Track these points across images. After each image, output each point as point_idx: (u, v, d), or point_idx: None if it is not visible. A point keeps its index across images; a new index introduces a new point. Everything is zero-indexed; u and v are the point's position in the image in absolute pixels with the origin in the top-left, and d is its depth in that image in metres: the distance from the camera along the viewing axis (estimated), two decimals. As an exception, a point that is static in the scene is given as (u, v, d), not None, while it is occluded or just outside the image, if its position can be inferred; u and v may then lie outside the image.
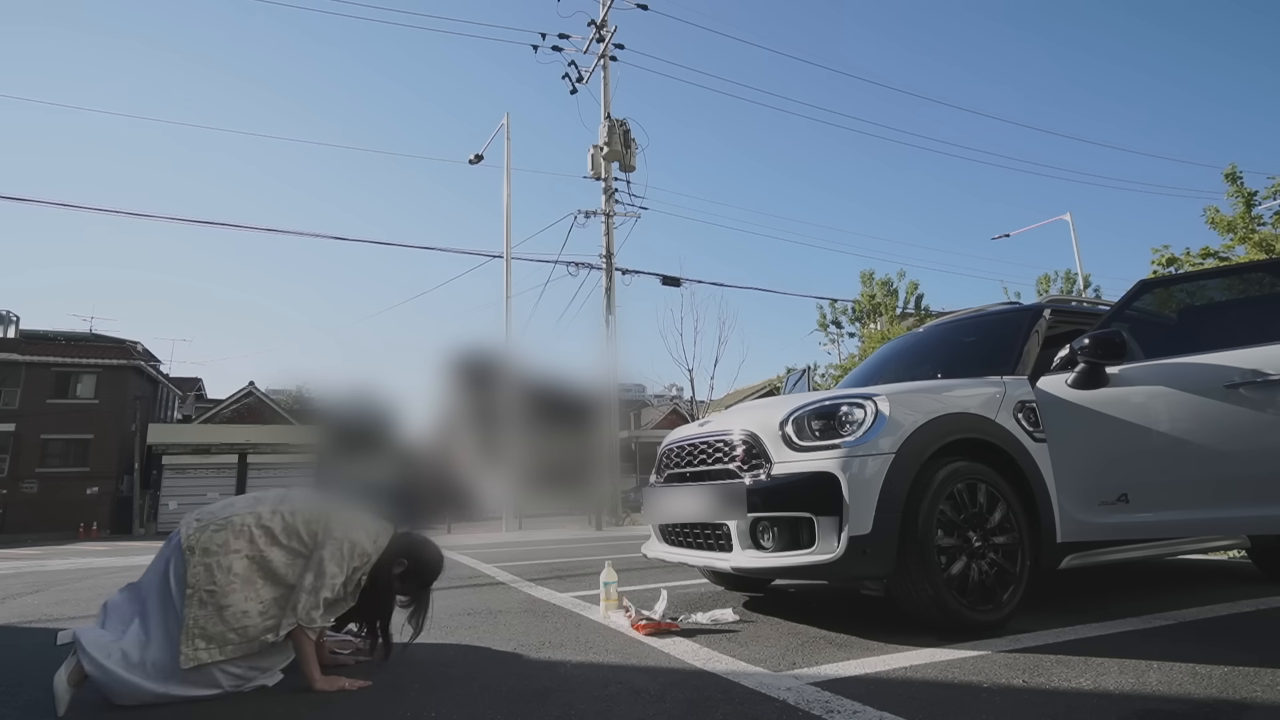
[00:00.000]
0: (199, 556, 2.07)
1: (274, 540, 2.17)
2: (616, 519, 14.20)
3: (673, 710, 1.82)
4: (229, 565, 2.08)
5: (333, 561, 2.17)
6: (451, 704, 1.93)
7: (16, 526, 24.73)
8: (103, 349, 29.10)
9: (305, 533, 2.20)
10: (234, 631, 2.05)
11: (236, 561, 2.10)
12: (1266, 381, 2.65)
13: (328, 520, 2.23)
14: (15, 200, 16.69)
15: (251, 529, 2.15)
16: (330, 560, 2.16)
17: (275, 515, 2.20)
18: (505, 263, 15.89)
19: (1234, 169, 9.74)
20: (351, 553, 2.22)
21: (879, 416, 2.64)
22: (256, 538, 2.15)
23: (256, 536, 2.15)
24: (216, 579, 2.05)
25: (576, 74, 16.59)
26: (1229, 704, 1.77)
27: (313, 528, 2.21)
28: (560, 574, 5.20)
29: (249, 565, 2.11)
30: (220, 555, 2.08)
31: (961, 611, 2.53)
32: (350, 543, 2.22)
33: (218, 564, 2.07)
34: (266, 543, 2.16)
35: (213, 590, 2.04)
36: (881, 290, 21.65)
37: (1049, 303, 3.76)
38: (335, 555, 2.18)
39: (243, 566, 2.10)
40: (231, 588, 2.06)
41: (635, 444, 30.01)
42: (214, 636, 2.03)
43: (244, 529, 2.15)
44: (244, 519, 2.17)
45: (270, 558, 2.15)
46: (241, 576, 2.09)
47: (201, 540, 2.10)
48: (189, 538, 2.11)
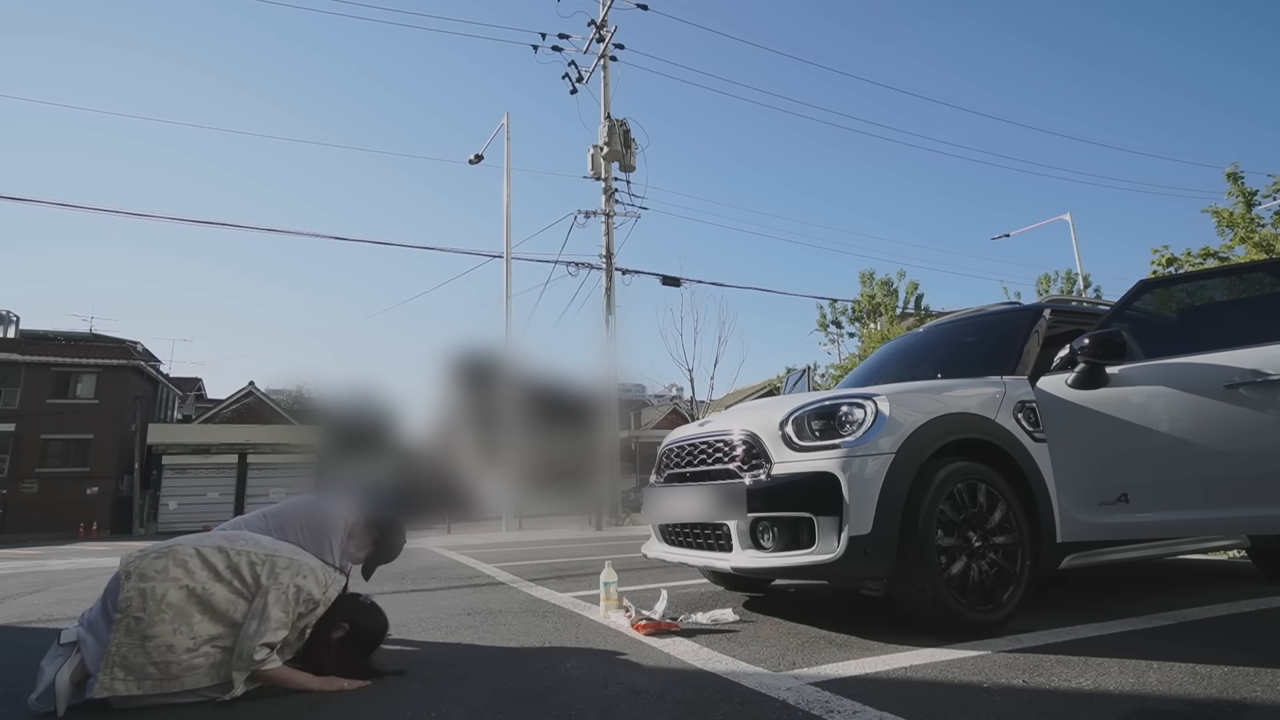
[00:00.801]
0: (134, 581, 2.00)
1: (217, 575, 2.08)
2: (616, 519, 14.20)
3: (673, 710, 1.82)
4: (163, 593, 1.99)
5: (277, 606, 2.07)
6: (451, 704, 1.93)
7: (16, 526, 24.72)
8: (103, 349, 29.09)
9: (249, 574, 2.11)
10: (154, 665, 1.95)
11: (172, 590, 2.01)
12: (1266, 381, 2.65)
13: (274, 563, 2.15)
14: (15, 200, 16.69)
15: (192, 560, 2.07)
16: (275, 605, 2.07)
17: (220, 552, 2.13)
18: (505, 263, 15.90)
19: (1236, 168, 9.73)
20: (297, 598, 2.12)
21: (879, 416, 2.64)
22: (196, 570, 2.06)
23: (196, 569, 2.06)
24: (147, 606, 1.97)
25: (576, 74, 16.60)
26: (1229, 704, 1.77)
27: (258, 570, 2.12)
28: (560, 574, 5.20)
29: (185, 597, 2.02)
30: (156, 581, 2.01)
31: (961, 611, 2.53)
32: (296, 588, 2.13)
33: (151, 590, 1.99)
34: (208, 577, 2.07)
35: (139, 618, 1.96)
36: (881, 290, 21.65)
37: (1049, 303, 3.76)
38: (280, 600, 2.08)
39: (178, 597, 2.01)
40: (160, 618, 1.97)
41: (635, 444, 30.01)
42: (133, 668, 1.94)
43: (185, 559, 2.07)
44: (187, 549, 2.10)
45: (211, 593, 2.05)
46: (175, 607, 2.00)
47: (140, 565, 2.03)
48: (129, 562, 2.05)
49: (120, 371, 28.63)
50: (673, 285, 17.39)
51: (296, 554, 2.25)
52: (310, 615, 2.18)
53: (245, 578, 2.11)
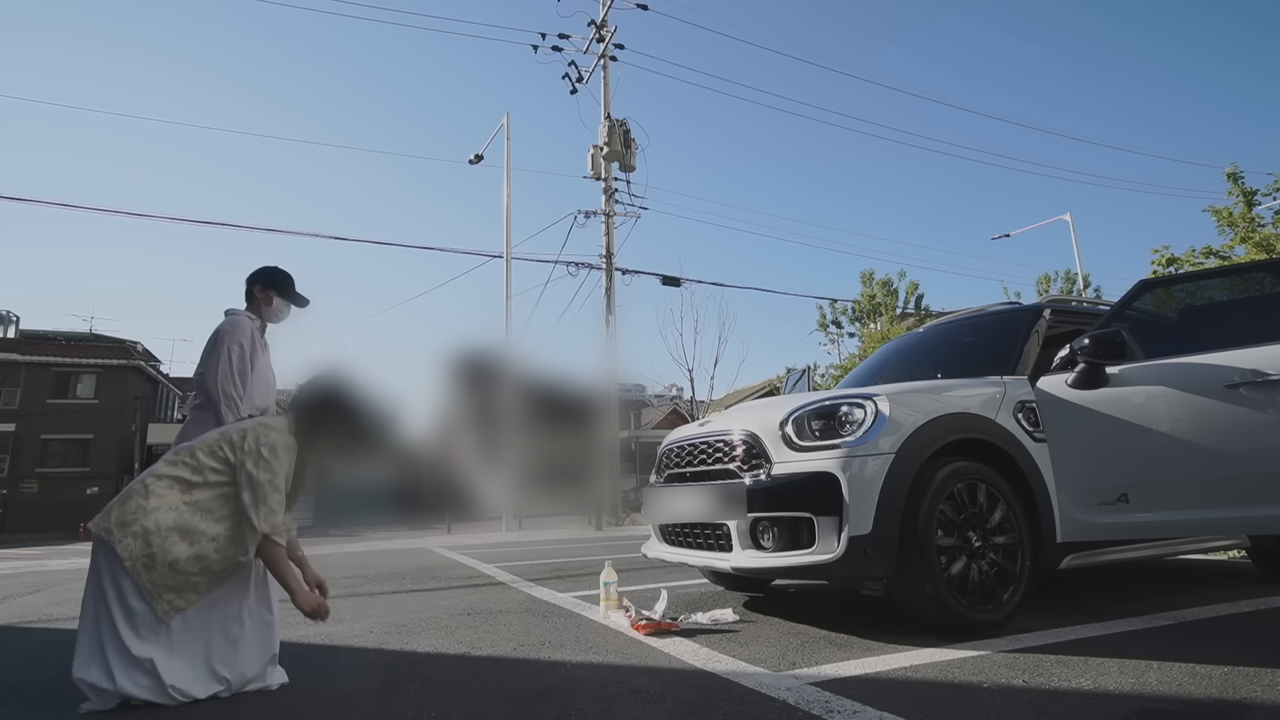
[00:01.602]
0: (119, 533, 1.98)
1: (189, 485, 2.08)
2: (616, 519, 14.19)
3: (673, 710, 1.82)
4: (155, 524, 1.99)
5: (261, 470, 2.08)
6: (451, 704, 1.93)
7: (16, 526, 24.73)
8: (103, 349, 29.11)
9: (216, 461, 2.10)
10: (197, 575, 2.01)
11: (160, 517, 2.00)
12: (1266, 381, 2.65)
13: (228, 439, 2.13)
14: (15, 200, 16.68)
15: (156, 484, 2.06)
16: (258, 470, 2.07)
17: (175, 463, 2.11)
18: (505, 263, 15.89)
19: (1235, 168, 9.73)
20: (273, 452, 2.12)
21: (879, 416, 2.64)
22: (165, 493, 2.05)
23: (164, 491, 2.05)
24: (152, 542, 1.97)
25: (576, 74, 16.58)
26: (1229, 704, 1.77)
27: (219, 453, 2.11)
28: (560, 574, 5.20)
29: (178, 516, 2.02)
30: (140, 519, 1.99)
31: (961, 611, 2.53)
32: (268, 446, 2.12)
33: (142, 529, 1.98)
34: (182, 490, 2.07)
35: (152, 554, 1.96)
36: (881, 290, 21.65)
37: (1049, 303, 3.76)
38: (259, 462, 2.08)
39: (171, 520, 2.01)
40: (170, 544, 1.98)
41: (635, 444, 30.00)
42: (178, 586, 1.99)
43: (149, 488, 2.05)
44: (141, 482, 2.08)
45: (197, 500, 2.06)
46: (176, 529, 2.01)
47: (111, 520, 2.01)
48: (98, 526, 2.03)
49: (120, 371, 28.65)
50: (673, 285, 17.36)
51: (244, 423, 2.25)
52: (292, 456, 2.19)
53: (215, 465, 2.11)
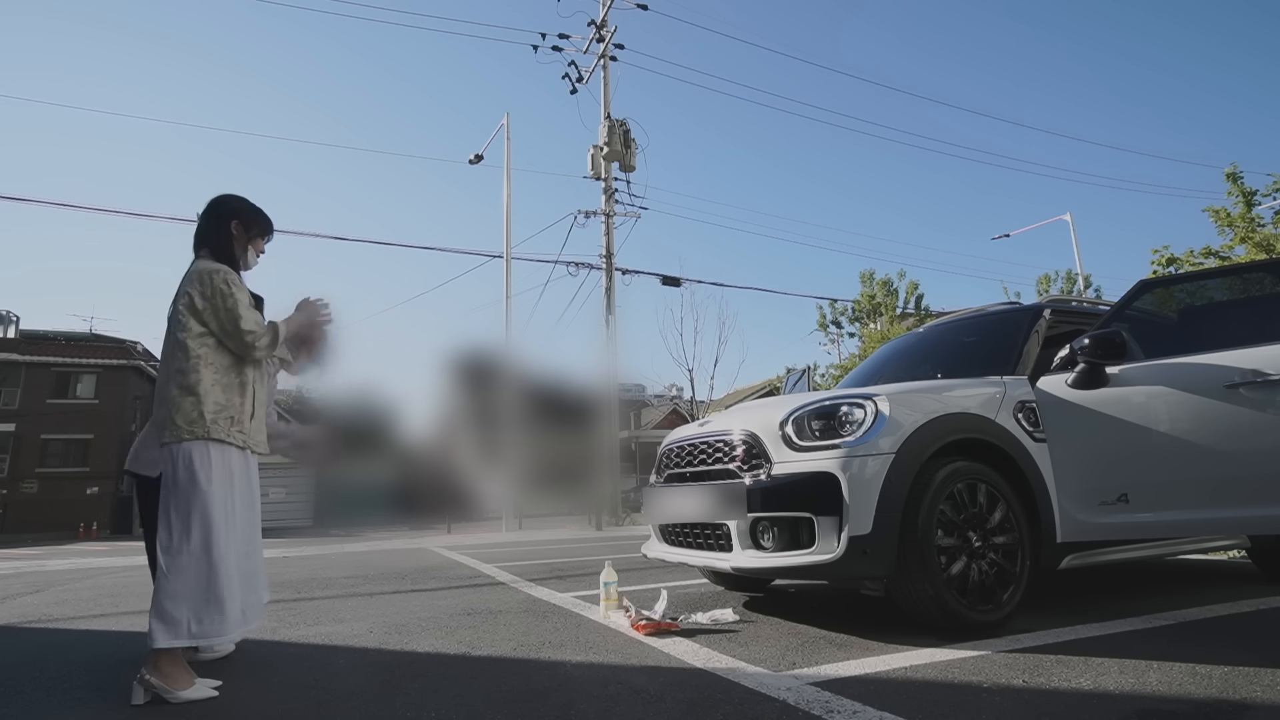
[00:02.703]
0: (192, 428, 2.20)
1: (200, 358, 2.26)
2: (616, 519, 14.19)
3: (673, 710, 1.82)
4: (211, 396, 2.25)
5: (222, 302, 2.26)
6: (451, 704, 1.93)
7: (16, 526, 24.72)
8: (103, 349, 29.10)
9: (195, 319, 2.27)
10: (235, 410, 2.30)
11: (210, 394, 2.25)
12: (1266, 381, 2.65)
13: (189, 292, 2.28)
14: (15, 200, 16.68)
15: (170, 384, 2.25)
16: (220, 301, 2.26)
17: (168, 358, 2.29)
18: (505, 263, 15.88)
19: (1235, 168, 9.73)
20: (227, 281, 2.29)
21: (879, 416, 2.64)
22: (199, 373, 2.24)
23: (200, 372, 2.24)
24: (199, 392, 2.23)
25: (576, 74, 16.59)
26: (1229, 704, 1.77)
27: (195, 306, 2.27)
28: (560, 574, 5.20)
29: (216, 378, 2.27)
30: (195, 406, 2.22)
31: (961, 611, 2.53)
32: (223, 279, 2.29)
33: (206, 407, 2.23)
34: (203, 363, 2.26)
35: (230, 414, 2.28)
36: (881, 290, 21.67)
37: (1049, 303, 3.76)
38: (222, 295, 2.26)
39: (216, 392, 2.27)
40: (232, 401, 2.30)
41: (635, 444, 29.99)
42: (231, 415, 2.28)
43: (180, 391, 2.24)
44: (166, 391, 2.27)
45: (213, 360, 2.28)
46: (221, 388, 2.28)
47: (178, 426, 2.20)
48: (172, 434, 2.21)
49: (120, 371, 28.63)
50: (673, 285, 17.36)
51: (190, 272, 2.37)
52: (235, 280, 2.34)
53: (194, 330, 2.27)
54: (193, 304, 2.27)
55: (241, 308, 2.28)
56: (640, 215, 15.97)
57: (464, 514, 15.56)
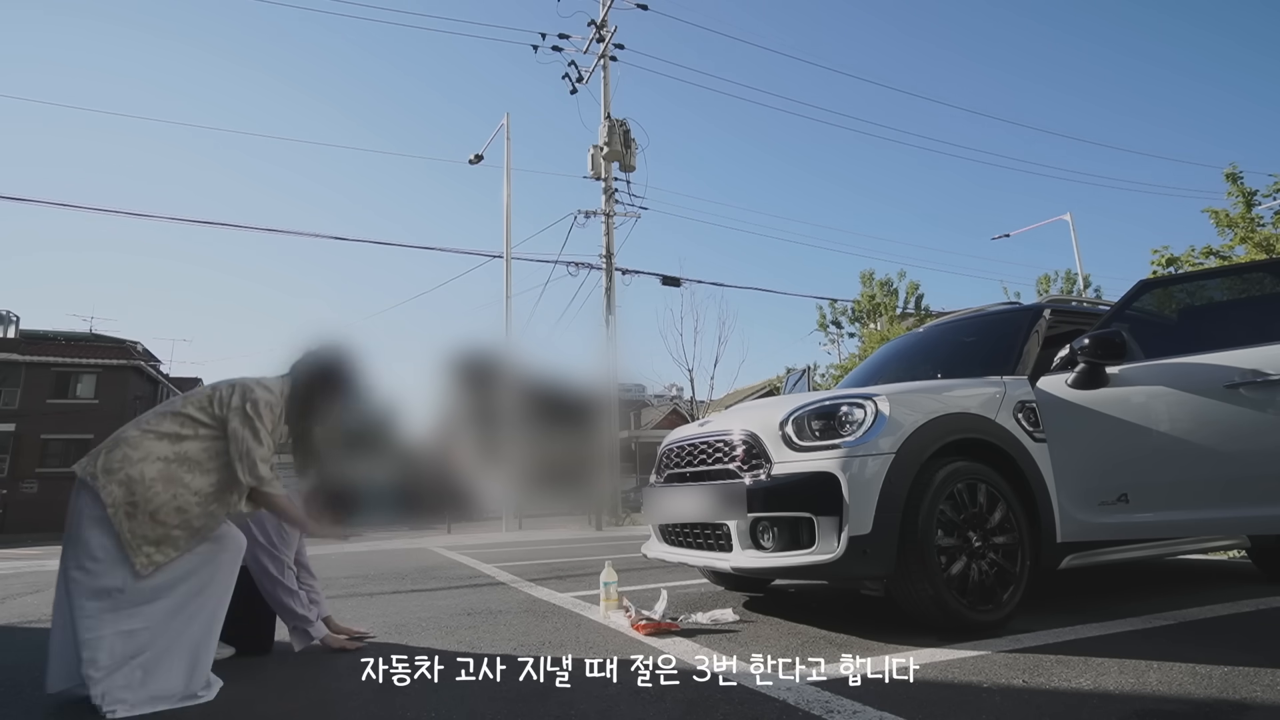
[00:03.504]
0: (104, 479, 1.96)
1: (178, 438, 2.07)
2: (616, 519, 14.19)
3: (673, 710, 1.82)
4: (139, 474, 1.98)
5: (244, 426, 2.10)
6: (452, 704, 1.93)
7: (16, 526, 24.72)
8: (103, 349, 29.10)
9: (204, 415, 2.12)
10: (176, 528, 2.00)
11: (146, 468, 1.99)
12: (1266, 381, 2.65)
13: (219, 394, 2.16)
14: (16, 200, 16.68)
15: (142, 438, 2.05)
16: (241, 426, 2.10)
17: (163, 417, 2.11)
18: (505, 263, 15.88)
19: (1234, 168, 9.74)
20: (257, 410, 2.14)
21: (879, 416, 2.64)
22: (152, 445, 2.04)
23: (151, 443, 2.04)
24: (134, 490, 1.96)
25: (576, 74, 16.57)
26: (1229, 704, 1.77)
27: (208, 408, 2.13)
28: (560, 574, 5.21)
29: (163, 467, 2.02)
30: (125, 468, 1.98)
31: (961, 611, 2.53)
32: (250, 402, 2.14)
33: (127, 477, 1.97)
34: (171, 444, 2.06)
35: (134, 502, 1.95)
36: (881, 290, 21.67)
37: (1049, 303, 3.76)
38: (244, 420, 2.11)
39: (156, 470, 2.00)
40: (153, 493, 1.97)
41: (635, 444, 30.00)
42: (157, 539, 1.97)
43: (136, 440, 2.04)
44: (129, 432, 2.07)
45: (184, 451, 2.06)
46: (160, 479, 2.00)
47: (99, 465, 1.99)
48: (84, 469, 2.00)
49: (120, 371, 28.64)
50: (673, 285, 17.36)
51: (234, 378, 2.27)
52: (280, 416, 2.23)
53: (204, 419, 2.13)
54: (225, 402, 2.14)
55: (256, 450, 2.12)
56: (640, 215, 15.97)
57: (464, 514, 15.55)
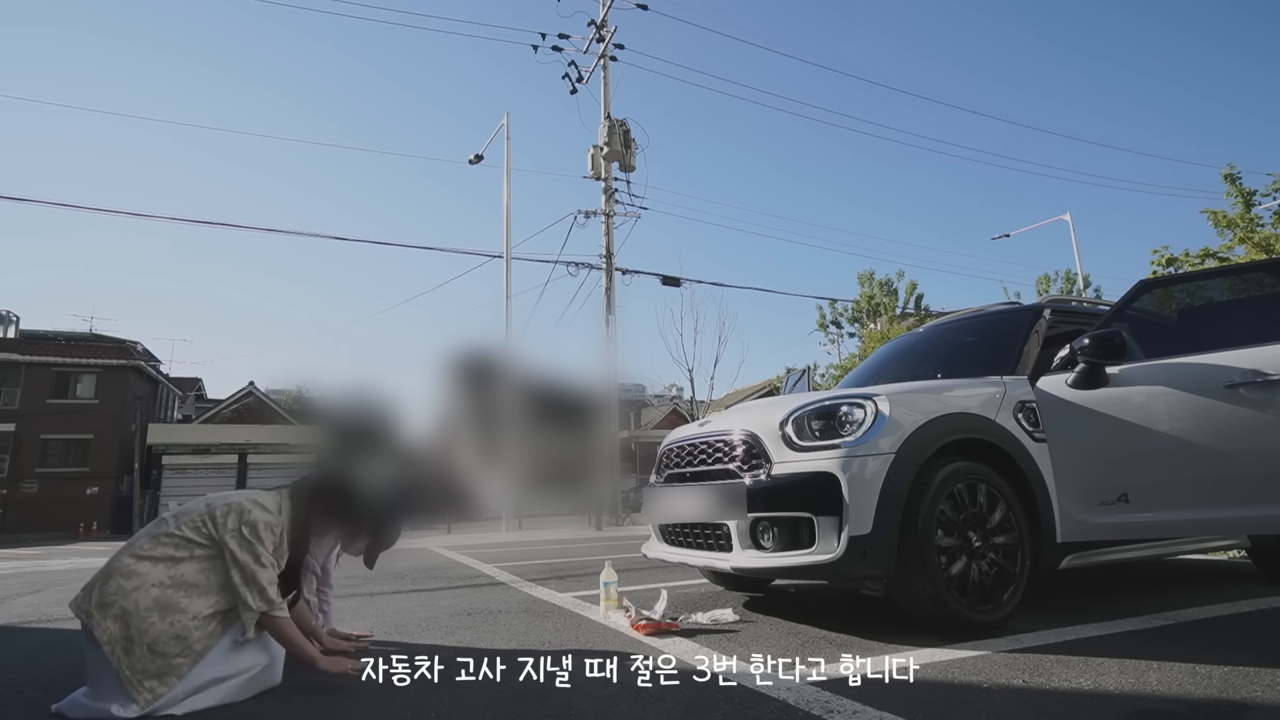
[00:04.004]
0: (99, 615, 1.93)
1: (174, 561, 2.03)
2: (616, 519, 14.20)
3: (673, 710, 1.82)
4: (134, 604, 1.94)
5: (242, 551, 2.05)
6: (452, 704, 1.93)
7: (16, 526, 24.72)
8: (103, 349, 29.10)
9: (199, 535, 2.07)
10: (177, 656, 1.94)
11: (140, 596, 1.95)
12: (1266, 381, 2.65)
13: (213, 515, 2.10)
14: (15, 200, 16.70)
15: (137, 564, 2.01)
16: (240, 550, 2.05)
17: (157, 540, 2.07)
18: (505, 263, 15.90)
19: (1232, 169, 9.74)
20: (255, 532, 2.09)
21: (879, 416, 2.64)
22: (148, 571, 2.00)
23: (146, 570, 2.00)
24: (130, 623, 1.92)
25: (576, 74, 16.61)
26: (1229, 704, 1.77)
27: (203, 529, 2.08)
28: (560, 574, 5.20)
29: (160, 593, 1.98)
30: (119, 601, 1.94)
31: (961, 611, 2.53)
32: (248, 524, 2.09)
33: (121, 611, 1.93)
34: (167, 568, 2.02)
35: (130, 637, 1.91)
36: (881, 290, 21.69)
37: (1049, 303, 3.76)
38: (241, 544, 2.06)
39: (153, 597, 1.96)
40: (149, 624, 1.93)
41: (635, 444, 30.00)
42: (158, 671, 1.92)
43: (130, 569, 2.00)
44: (122, 561, 2.04)
45: (180, 575, 2.02)
46: (156, 607, 1.95)
47: (93, 601, 1.97)
48: (79, 606, 1.98)
49: (120, 371, 28.64)
50: (673, 285, 17.41)
51: (229, 496, 2.21)
52: (281, 536, 2.18)
53: (200, 540, 2.07)
54: (221, 524, 2.09)
55: (261, 574, 2.06)
56: (640, 215, 16.03)
57: (464, 514, 15.55)
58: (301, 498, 2.33)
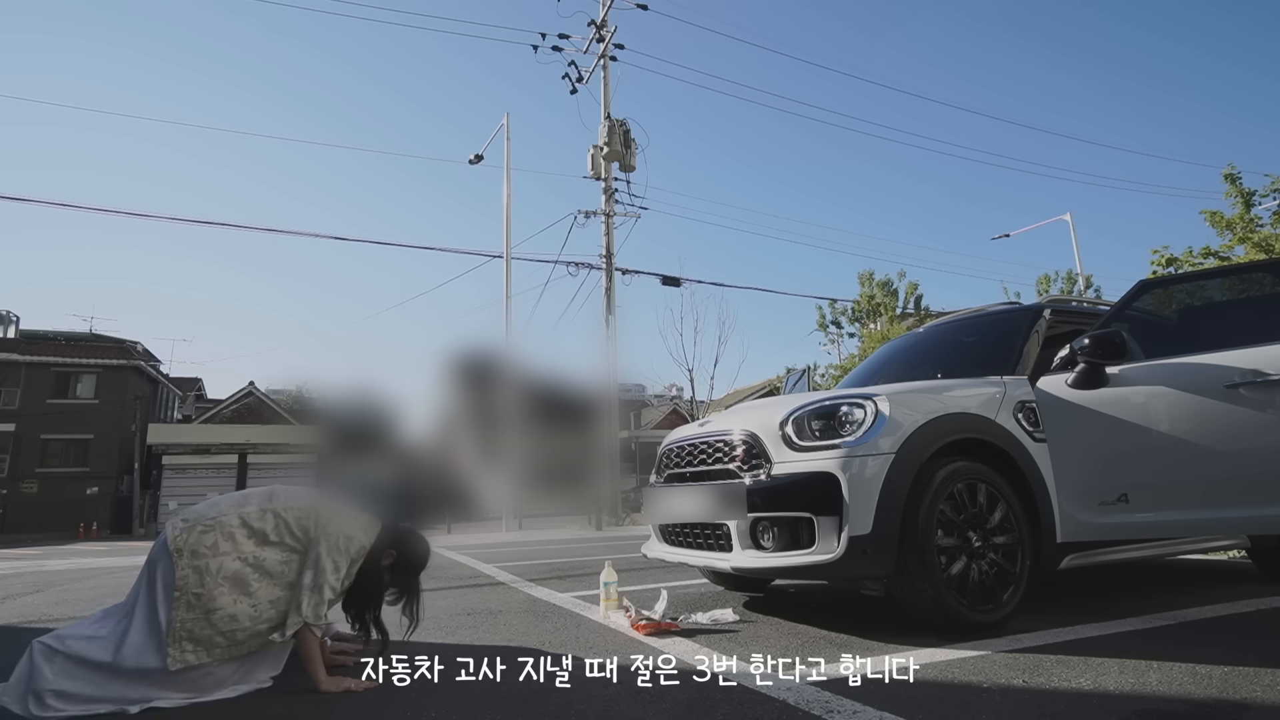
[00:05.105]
0: (188, 559, 2.03)
1: (265, 541, 2.13)
2: (616, 519, 14.20)
3: (673, 710, 1.82)
4: (218, 567, 2.04)
5: (329, 557, 2.15)
6: (452, 704, 1.93)
7: (16, 526, 24.72)
8: (103, 349, 29.10)
9: (298, 529, 2.17)
10: (221, 635, 2.01)
11: (227, 563, 2.05)
12: (1266, 381, 2.65)
13: (318, 515, 2.21)
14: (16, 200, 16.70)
15: (239, 531, 2.11)
16: (327, 556, 2.15)
17: (265, 514, 2.17)
18: (505, 263, 15.90)
19: (1232, 169, 9.74)
20: (347, 546, 2.21)
21: (879, 416, 2.64)
22: (243, 540, 2.10)
23: (243, 539, 2.10)
24: (205, 582, 2.01)
25: (576, 74, 16.60)
26: (1229, 704, 1.77)
27: (304, 524, 2.18)
28: (560, 574, 5.20)
29: (240, 567, 2.07)
30: (209, 558, 2.04)
31: (961, 611, 2.53)
32: (345, 536, 2.21)
33: (206, 567, 2.03)
34: (257, 544, 2.12)
35: (199, 594, 2.00)
36: (881, 290, 21.67)
37: (1049, 303, 3.76)
38: (331, 550, 2.17)
39: (233, 569, 2.06)
40: (219, 591, 2.02)
41: (635, 444, 30.00)
42: (201, 639, 1.99)
43: (233, 531, 2.10)
44: (231, 520, 2.12)
45: (264, 558, 2.11)
46: (231, 579, 2.05)
47: (190, 542, 2.06)
48: (176, 539, 2.07)
49: (120, 371, 28.63)
50: (673, 285, 17.40)
51: (336, 504, 2.31)
52: (360, 559, 2.26)
53: (295, 533, 2.17)
54: (323, 526, 2.18)
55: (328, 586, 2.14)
56: (640, 215, 16.02)
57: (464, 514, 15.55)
58: (389, 541, 2.37)
